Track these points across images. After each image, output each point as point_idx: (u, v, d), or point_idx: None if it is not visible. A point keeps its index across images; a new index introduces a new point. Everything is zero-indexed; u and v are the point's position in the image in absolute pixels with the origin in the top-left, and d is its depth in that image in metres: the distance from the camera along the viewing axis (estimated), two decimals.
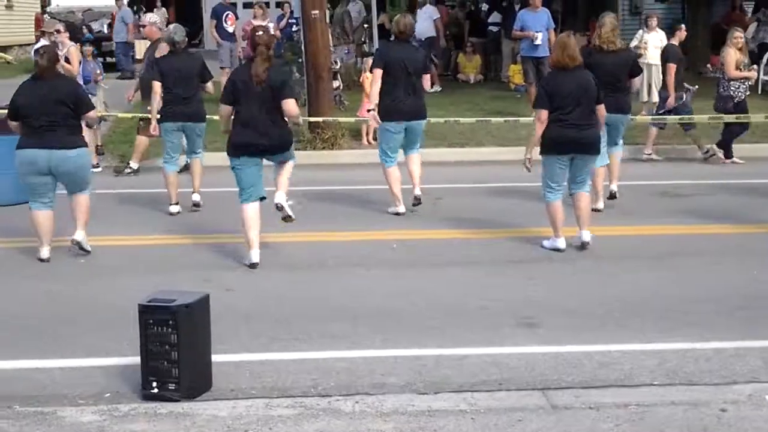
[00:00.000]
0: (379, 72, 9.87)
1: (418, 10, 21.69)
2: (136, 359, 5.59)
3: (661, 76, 15.73)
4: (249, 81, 8.12)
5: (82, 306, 7.31)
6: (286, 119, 8.28)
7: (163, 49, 10.80)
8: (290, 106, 8.18)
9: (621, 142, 10.42)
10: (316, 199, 11.04)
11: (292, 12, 23.22)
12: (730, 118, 12.80)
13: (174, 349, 5.42)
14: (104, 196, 11.30)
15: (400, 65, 9.78)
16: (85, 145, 8.67)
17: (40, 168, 8.44)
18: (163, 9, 39.42)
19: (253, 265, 8.17)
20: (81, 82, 13.19)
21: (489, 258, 8.50)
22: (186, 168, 10.95)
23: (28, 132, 8.47)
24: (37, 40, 12.47)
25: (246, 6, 33.41)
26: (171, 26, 11.14)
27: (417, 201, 10.02)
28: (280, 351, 6.27)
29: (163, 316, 5.43)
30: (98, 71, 13.93)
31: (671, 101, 12.69)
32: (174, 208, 10.27)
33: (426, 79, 10.07)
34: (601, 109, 8.64)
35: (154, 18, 12.74)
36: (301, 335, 6.54)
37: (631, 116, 10.58)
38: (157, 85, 10.27)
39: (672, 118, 13.10)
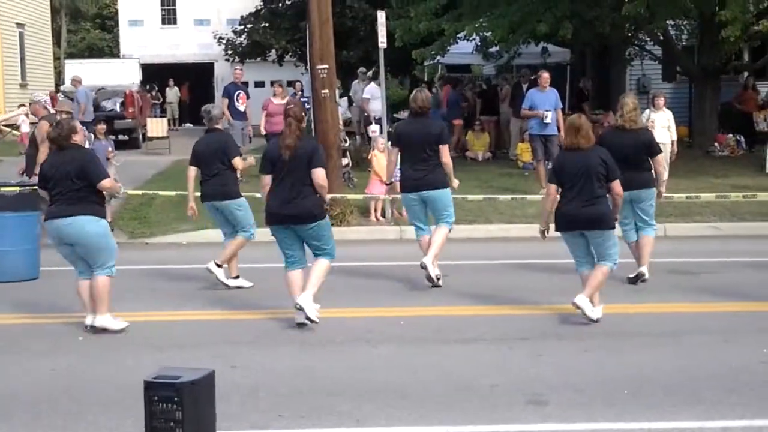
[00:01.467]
0: (395, 149, 10.23)
1: (367, 86, 21.78)
2: None
3: (668, 156, 15.90)
4: (280, 152, 8.39)
5: (87, 382, 7.29)
6: (315, 190, 8.53)
7: (42, 128, 11.03)
8: (318, 174, 8.51)
9: (653, 223, 10.43)
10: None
11: (302, 91, 23.60)
12: None
13: (179, 426, 5.39)
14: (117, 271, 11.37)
15: (416, 140, 10.02)
16: (91, 213, 8.54)
17: (57, 238, 8.60)
18: (176, 88, 40.16)
19: (302, 320, 8.51)
20: None
21: (496, 335, 8.47)
22: None
23: (50, 201, 8.69)
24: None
25: (257, 85, 33.98)
26: (207, 105, 11.27)
27: (422, 266, 10.01)
28: (285, 428, 6.22)
29: (168, 392, 5.41)
30: (110, 149, 14.11)
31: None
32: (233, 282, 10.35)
33: (443, 150, 10.14)
34: (616, 185, 8.68)
35: (41, 97, 13.25)
36: (307, 412, 6.49)
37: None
38: (191, 169, 10.49)
39: (679, 196, 13.13)
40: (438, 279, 10.00)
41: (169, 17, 44.26)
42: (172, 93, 39.79)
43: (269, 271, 10.50)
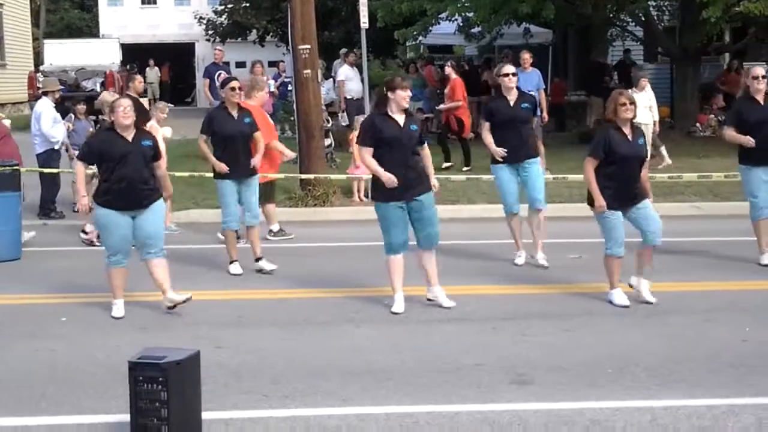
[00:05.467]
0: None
1: (340, 68, 21.58)
2: (126, 417, 5.54)
3: (650, 136, 15.95)
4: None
5: (70, 363, 7.26)
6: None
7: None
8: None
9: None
10: (307, 256, 11.06)
11: (285, 71, 23.49)
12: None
13: (164, 406, 5.38)
14: (100, 252, 11.32)
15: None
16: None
17: None
18: (156, 68, 39.93)
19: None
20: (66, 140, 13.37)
21: (481, 314, 8.49)
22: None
23: None
24: (36, 99, 12.57)
25: (239, 65, 33.80)
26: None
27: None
28: (270, 408, 6.22)
29: (153, 373, 5.40)
30: (91, 129, 13.99)
31: None
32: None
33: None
34: None
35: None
36: (292, 393, 6.50)
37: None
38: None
39: (661, 176, 13.17)
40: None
41: None
42: (153, 73, 39.55)
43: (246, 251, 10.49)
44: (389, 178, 8.31)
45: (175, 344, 6.44)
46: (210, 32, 37.16)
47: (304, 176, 13.88)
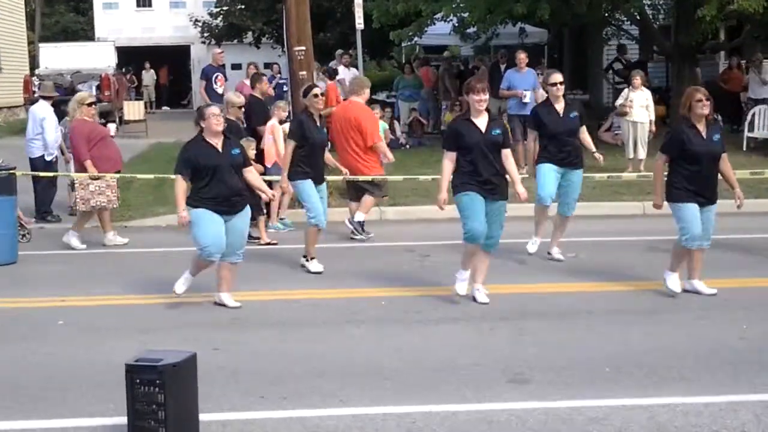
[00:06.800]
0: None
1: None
2: (123, 419, 5.54)
3: (647, 135, 15.96)
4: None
5: (68, 366, 7.25)
6: None
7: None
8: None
9: None
10: None
11: (280, 73, 23.47)
12: None
13: (161, 408, 5.38)
14: (96, 255, 11.33)
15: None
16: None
17: None
18: (152, 71, 39.93)
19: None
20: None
21: (478, 314, 8.49)
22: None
23: None
24: (32, 103, 12.56)
25: (235, 67, 33.79)
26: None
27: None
28: (267, 410, 6.21)
29: (149, 375, 5.39)
30: None
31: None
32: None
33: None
34: None
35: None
36: (289, 394, 6.49)
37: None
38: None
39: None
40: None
41: (144, 0, 43.96)
42: (149, 76, 39.55)
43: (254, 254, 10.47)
44: (440, 200, 8.70)
45: (173, 346, 6.43)
46: (205, 34, 37.15)
47: None
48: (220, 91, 18.01)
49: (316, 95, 10.27)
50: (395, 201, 13.72)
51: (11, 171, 11.33)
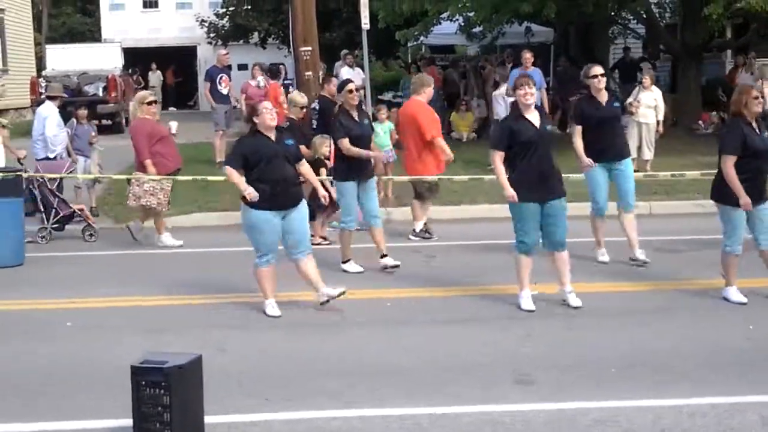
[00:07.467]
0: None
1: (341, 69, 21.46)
2: (128, 421, 5.55)
3: (653, 135, 15.94)
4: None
5: (75, 367, 7.26)
6: None
7: None
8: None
9: None
10: None
11: (286, 73, 23.49)
12: None
13: (166, 410, 5.39)
14: (103, 257, 11.35)
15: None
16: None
17: None
18: (159, 72, 39.96)
19: None
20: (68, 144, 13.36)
21: (483, 315, 8.48)
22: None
23: None
24: (38, 104, 12.56)
25: (241, 68, 33.84)
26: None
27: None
28: (273, 411, 6.22)
29: (155, 377, 5.40)
30: (93, 133, 14.02)
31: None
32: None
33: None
34: None
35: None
36: (295, 395, 6.49)
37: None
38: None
39: (664, 174, 13.15)
40: None
41: (150, 1, 44.00)
42: (155, 77, 39.55)
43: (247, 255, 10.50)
44: (510, 195, 8.36)
45: (179, 348, 6.44)
46: (212, 35, 37.17)
47: None
48: (224, 92, 18.03)
49: (350, 90, 10.21)
50: (401, 201, 13.71)
51: (18, 173, 11.36)
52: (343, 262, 10.25)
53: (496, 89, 16.99)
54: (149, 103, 11.87)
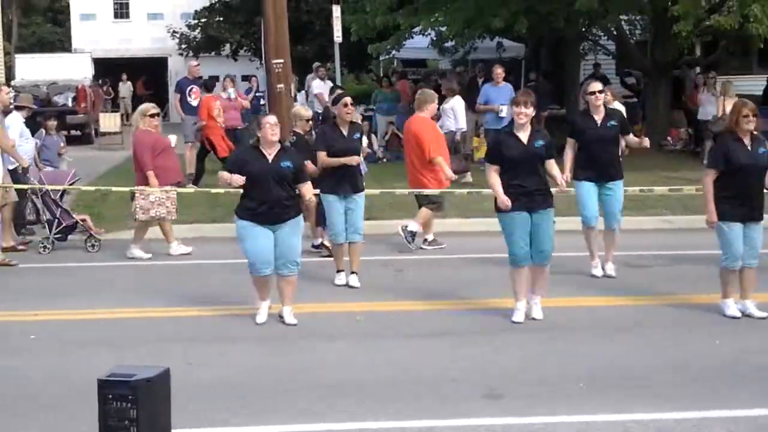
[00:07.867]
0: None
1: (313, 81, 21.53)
2: None
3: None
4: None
5: (40, 381, 7.19)
6: None
7: None
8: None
9: None
10: None
11: (258, 86, 23.46)
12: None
13: (133, 424, 5.33)
14: (72, 269, 11.26)
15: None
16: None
17: None
18: (129, 83, 39.81)
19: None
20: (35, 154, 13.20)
21: (453, 329, 8.49)
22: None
23: None
24: (5, 114, 12.38)
25: (212, 79, 33.71)
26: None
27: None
28: (241, 425, 6.19)
29: (122, 391, 5.34)
30: (62, 144, 13.95)
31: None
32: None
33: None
34: None
35: None
36: (264, 409, 6.47)
37: None
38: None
39: (633, 189, 13.21)
40: None
41: (121, 11, 43.87)
42: (125, 88, 39.41)
43: (221, 267, 10.45)
44: (503, 202, 8.40)
45: (146, 361, 6.39)
46: (183, 46, 37.10)
47: None
48: (194, 103, 17.96)
49: (345, 104, 10.12)
50: (370, 214, 13.69)
51: None
52: (338, 272, 10.27)
53: (445, 103, 16.82)
54: (152, 116, 11.80)
